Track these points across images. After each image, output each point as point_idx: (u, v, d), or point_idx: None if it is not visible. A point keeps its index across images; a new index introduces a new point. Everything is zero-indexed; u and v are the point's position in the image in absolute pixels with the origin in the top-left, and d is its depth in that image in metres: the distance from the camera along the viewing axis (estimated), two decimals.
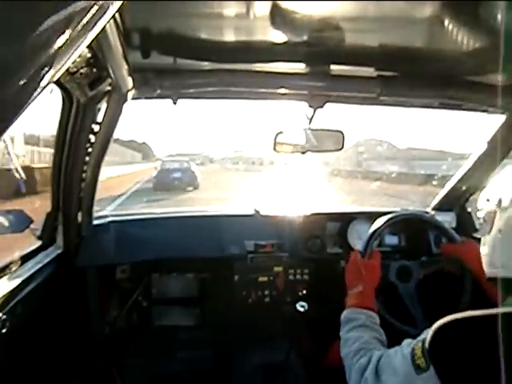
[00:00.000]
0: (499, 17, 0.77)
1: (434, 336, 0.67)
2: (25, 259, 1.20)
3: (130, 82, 1.05)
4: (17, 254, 1.19)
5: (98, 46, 0.78)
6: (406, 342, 0.76)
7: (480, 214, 0.81)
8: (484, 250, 0.82)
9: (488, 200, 0.82)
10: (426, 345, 0.68)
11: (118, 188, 11.46)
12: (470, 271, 1.20)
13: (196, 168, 14.44)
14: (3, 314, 0.91)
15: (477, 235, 1.58)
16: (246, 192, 10.35)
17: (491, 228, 0.78)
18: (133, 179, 16.74)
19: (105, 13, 0.33)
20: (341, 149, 1.38)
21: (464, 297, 1.29)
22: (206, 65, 1.15)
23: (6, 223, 1.15)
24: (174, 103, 1.24)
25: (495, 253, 0.76)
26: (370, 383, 0.79)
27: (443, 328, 0.68)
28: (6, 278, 1.06)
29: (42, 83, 0.31)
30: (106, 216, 1.70)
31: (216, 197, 8.43)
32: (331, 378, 0.97)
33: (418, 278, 1.36)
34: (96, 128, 1.20)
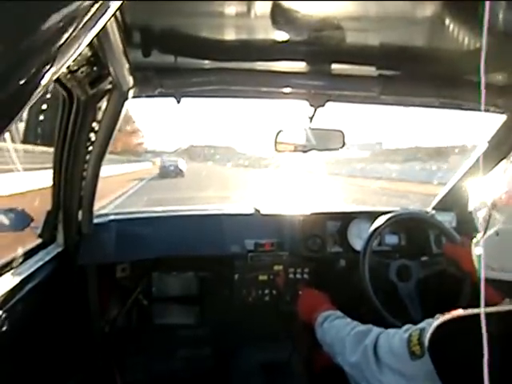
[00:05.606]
0: (499, 17, 0.77)
1: (437, 330, 0.68)
2: (25, 257, 1.20)
3: (130, 80, 1.04)
4: (17, 252, 1.19)
5: (99, 45, 0.78)
6: (406, 327, 0.80)
7: (480, 214, 0.80)
8: (478, 250, 0.81)
9: (481, 201, 0.81)
10: (427, 336, 0.69)
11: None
12: (470, 273, 1.20)
13: (183, 164, 22.74)
14: (3, 312, 0.91)
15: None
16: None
17: (486, 229, 0.77)
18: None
19: (106, 11, 0.33)
20: (341, 148, 1.38)
21: (463, 298, 1.29)
22: (207, 63, 1.15)
23: (7, 222, 1.15)
24: (178, 102, 1.23)
25: (492, 255, 0.74)
26: (369, 351, 0.82)
27: (446, 324, 0.68)
28: (6, 275, 1.06)
29: (43, 82, 0.31)
30: (106, 214, 1.70)
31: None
32: (330, 377, 0.98)
33: (417, 278, 1.36)
34: (96, 126, 1.19)
